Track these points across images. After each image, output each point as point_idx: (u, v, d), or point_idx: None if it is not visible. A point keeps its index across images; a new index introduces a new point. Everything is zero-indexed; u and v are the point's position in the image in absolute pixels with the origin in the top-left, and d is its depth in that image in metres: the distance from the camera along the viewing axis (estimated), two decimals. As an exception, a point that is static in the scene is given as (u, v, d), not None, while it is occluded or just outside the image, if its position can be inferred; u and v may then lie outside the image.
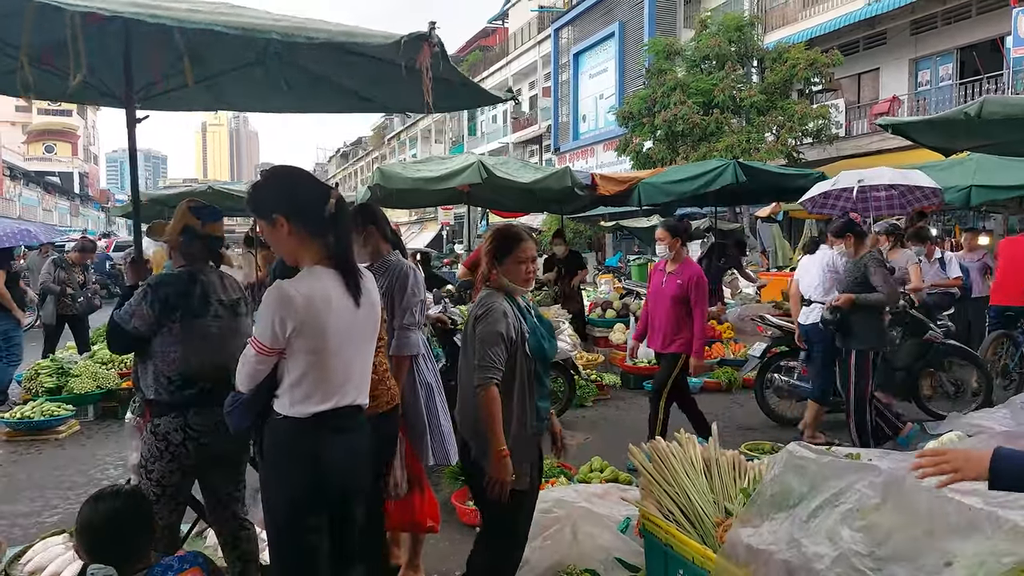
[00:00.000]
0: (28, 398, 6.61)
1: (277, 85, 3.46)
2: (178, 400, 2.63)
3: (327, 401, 2.14)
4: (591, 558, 2.96)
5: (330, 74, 3.41)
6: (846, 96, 18.14)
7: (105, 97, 3.35)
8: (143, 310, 2.60)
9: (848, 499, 1.94)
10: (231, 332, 2.74)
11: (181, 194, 11.76)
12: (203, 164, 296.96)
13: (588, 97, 27.79)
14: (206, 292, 2.70)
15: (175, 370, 2.63)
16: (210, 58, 3.25)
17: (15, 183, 45.60)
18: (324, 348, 2.12)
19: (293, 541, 2.19)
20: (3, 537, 3.58)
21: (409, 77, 2.45)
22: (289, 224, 2.14)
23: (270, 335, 2.08)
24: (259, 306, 2.16)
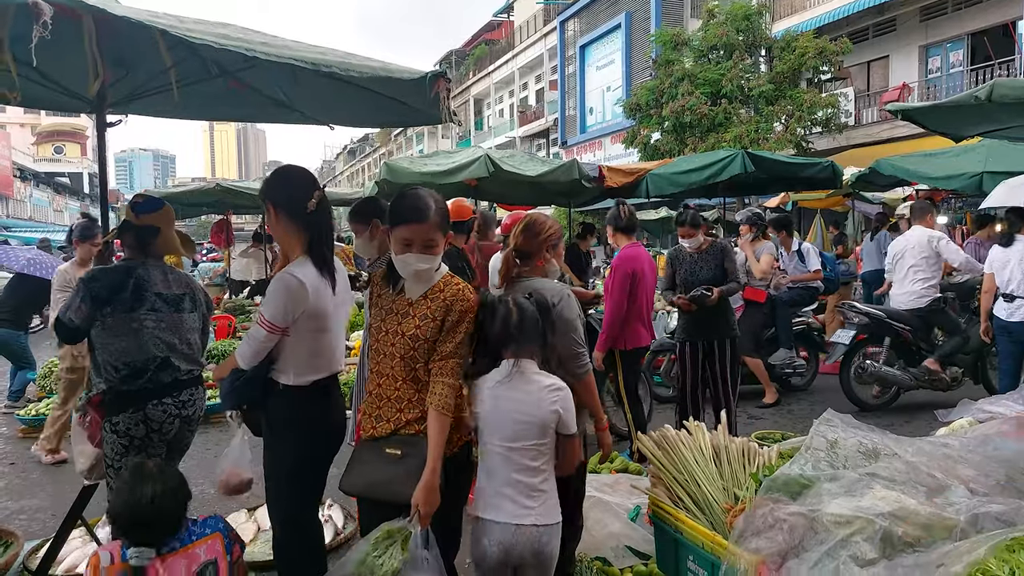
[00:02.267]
0: (43, 395, 6.72)
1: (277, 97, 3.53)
2: (133, 392, 2.69)
3: (322, 371, 2.47)
4: (602, 546, 2.97)
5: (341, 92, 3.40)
6: (855, 84, 18.00)
7: (75, 102, 3.33)
8: (77, 304, 2.67)
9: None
10: (171, 326, 2.80)
11: (190, 191, 11.84)
12: (211, 163, 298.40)
13: (595, 89, 27.70)
14: (140, 286, 2.74)
15: (119, 360, 2.70)
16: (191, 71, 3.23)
17: (25, 184, 45.96)
18: (324, 327, 2.43)
19: (305, 491, 2.49)
20: (21, 531, 3.63)
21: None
22: (276, 212, 2.46)
23: (281, 317, 2.33)
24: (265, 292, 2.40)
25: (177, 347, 2.80)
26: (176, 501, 2.13)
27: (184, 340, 2.84)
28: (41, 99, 3.46)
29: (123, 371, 2.69)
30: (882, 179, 9.10)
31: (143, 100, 3.38)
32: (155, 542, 2.05)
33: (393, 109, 3.47)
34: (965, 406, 3.77)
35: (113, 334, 2.70)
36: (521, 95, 36.38)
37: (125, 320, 2.71)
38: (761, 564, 1.98)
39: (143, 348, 2.72)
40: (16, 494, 4.65)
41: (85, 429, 2.76)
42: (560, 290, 2.61)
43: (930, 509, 1.94)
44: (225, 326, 8.76)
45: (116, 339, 2.70)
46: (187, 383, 2.84)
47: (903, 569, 1.78)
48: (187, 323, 2.86)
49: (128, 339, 2.70)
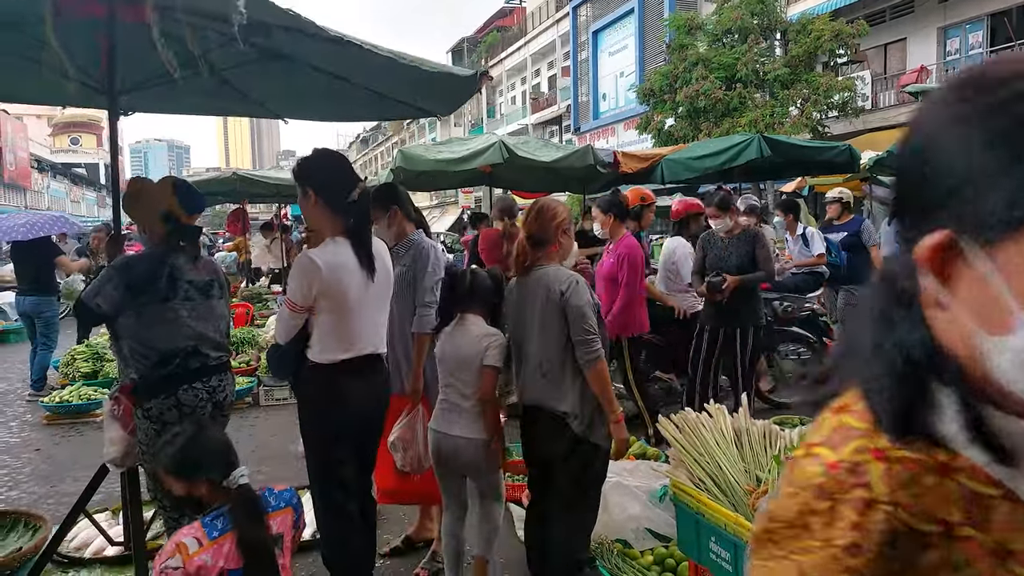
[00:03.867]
0: (65, 383, 6.81)
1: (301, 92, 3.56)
2: (163, 378, 2.70)
3: (349, 350, 2.56)
4: (623, 528, 2.99)
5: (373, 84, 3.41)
6: (872, 67, 17.74)
7: (93, 94, 3.27)
8: (108, 291, 2.64)
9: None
10: (202, 313, 2.80)
11: (208, 181, 11.92)
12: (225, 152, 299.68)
13: (608, 75, 27.50)
14: (174, 275, 2.73)
15: (149, 348, 2.69)
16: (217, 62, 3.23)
17: (43, 175, 46.43)
18: (344, 307, 2.51)
19: (328, 464, 2.57)
20: (49, 515, 3.70)
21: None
22: (316, 197, 2.54)
23: (300, 295, 2.47)
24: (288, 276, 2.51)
25: (207, 335, 2.81)
26: (219, 445, 2.17)
27: (215, 327, 2.86)
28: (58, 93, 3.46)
29: (153, 358, 2.70)
30: (900, 163, 8.99)
31: (148, 97, 3.37)
32: (237, 463, 2.09)
33: (395, 108, 3.67)
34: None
35: (146, 324, 2.68)
36: (533, 82, 36.19)
37: (160, 310, 2.70)
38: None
39: (173, 338, 2.71)
40: (43, 480, 4.74)
41: (117, 417, 2.75)
42: (569, 277, 2.61)
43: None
44: (243, 314, 8.83)
45: (149, 328, 2.69)
46: (216, 368, 2.86)
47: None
48: (216, 310, 2.88)
49: (161, 329, 2.70)
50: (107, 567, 3.34)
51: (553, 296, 2.58)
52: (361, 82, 3.30)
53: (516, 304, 2.75)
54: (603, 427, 2.62)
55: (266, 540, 2.01)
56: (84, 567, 3.38)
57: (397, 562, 3.40)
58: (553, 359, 2.60)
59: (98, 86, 3.17)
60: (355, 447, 2.64)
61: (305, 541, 3.39)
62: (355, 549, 2.61)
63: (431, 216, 40.84)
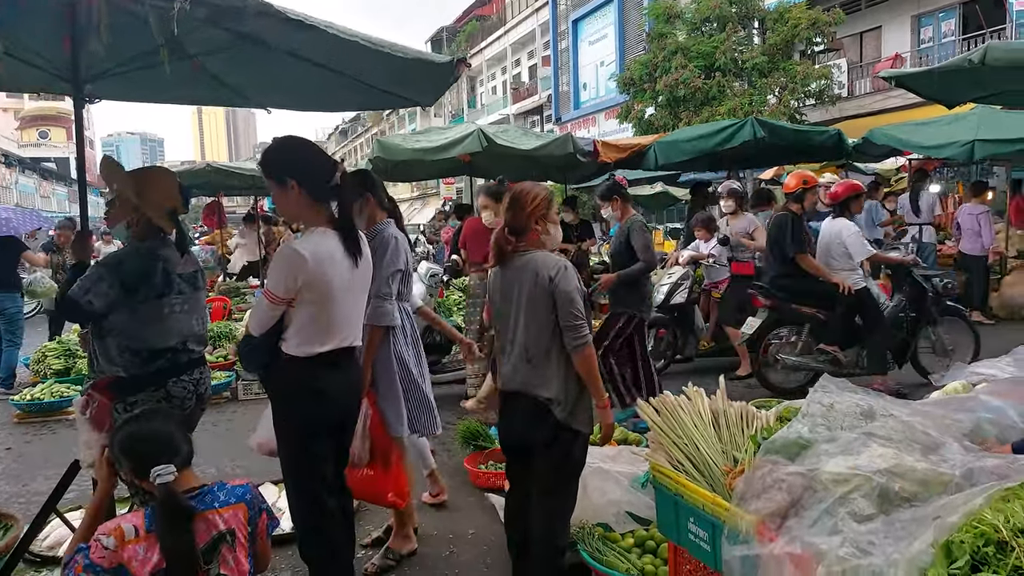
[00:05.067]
0: (37, 380, 6.67)
1: (279, 81, 3.50)
2: (152, 373, 2.65)
3: (328, 343, 2.48)
4: (604, 512, 3.00)
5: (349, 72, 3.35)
6: (848, 56, 17.90)
7: (54, 79, 3.22)
8: (102, 289, 2.56)
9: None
10: (192, 306, 2.78)
11: (180, 173, 11.73)
12: (200, 146, 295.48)
13: (588, 65, 27.47)
14: (167, 269, 2.69)
15: (140, 345, 2.63)
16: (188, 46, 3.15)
17: (11, 170, 45.41)
18: (327, 299, 2.44)
19: (305, 463, 2.52)
20: (20, 514, 3.63)
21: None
22: (299, 188, 2.44)
23: (283, 287, 2.38)
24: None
25: (194, 329, 2.78)
26: (176, 436, 2.12)
27: (200, 320, 2.83)
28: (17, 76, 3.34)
29: (143, 355, 2.65)
30: (875, 149, 9.10)
31: (114, 79, 3.25)
32: (170, 458, 2.02)
33: (376, 97, 3.62)
34: (959, 370, 3.81)
35: (141, 321, 2.63)
36: (514, 72, 36.05)
37: (156, 306, 2.65)
38: (761, 524, 2.00)
39: (167, 334, 2.67)
40: (14, 479, 4.66)
41: (91, 418, 2.65)
42: (558, 263, 2.60)
43: (926, 465, 1.97)
44: (220, 308, 8.74)
45: (143, 325, 2.63)
46: (197, 362, 2.83)
47: (901, 523, 1.80)
48: (200, 301, 2.84)
49: (156, 326, 2.65)
50: (82, 564, 3.28)
51: (542, 281, 2.56)
52: (341, 70, 3.25)
53: (500, 291, 2.72)
54: (585, 413, 2.62)
55: (184, 543, 1.94)
56: (57, 565, 3.32)
57: (378, 552, 3.38)
58: (539, 345, 2.59)
59: (61, 73, 3.09)
60: (331, 440, 2.60)
61: (286, 534, 3.38)
62: (333, 542, 2.58)
63: (412, 207, 40.61)
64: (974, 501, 1.65)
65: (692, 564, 2.44)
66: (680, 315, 6.56)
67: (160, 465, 1.99)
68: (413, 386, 3.25)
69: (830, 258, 5.57)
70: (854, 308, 5.47)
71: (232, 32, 2.80)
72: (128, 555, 1.93)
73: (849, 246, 5.47)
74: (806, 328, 5.71)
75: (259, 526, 2.15)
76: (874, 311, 5.53)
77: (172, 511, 1.96)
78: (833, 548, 1.78)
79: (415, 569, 3.20)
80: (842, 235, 5.52)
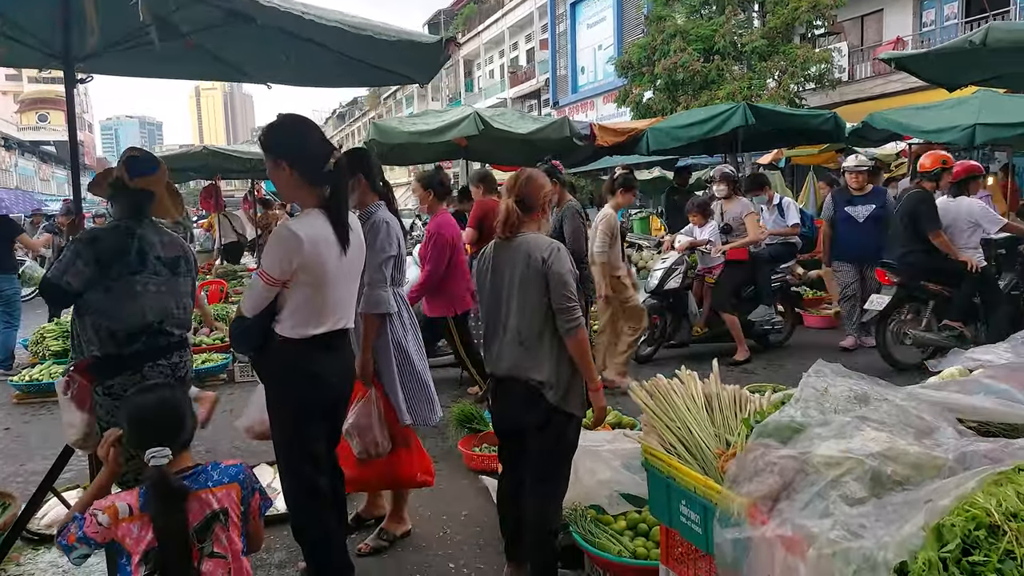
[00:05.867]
0: (35, 362, 6.70)
1: (276, 57, 3.43)
2: (129, 355, 2.64)
3: (322, 325, 2.47)
4: (596, 494, 3.01)
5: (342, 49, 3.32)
6: (849, 39, 17.76)
7: (47, 58, 3.20)
8: (78, 267, 2.56)
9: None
10: (169, 289, 2.75)
11: (177, 156, 11.68)
12: (199, 129, 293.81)
13: (586, 48, 27.28)
14: (143, 248, 2.67)
15: (116, 325, 2.62)
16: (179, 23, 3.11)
17: (10, 153, 45.24)
18: (322, 281, 2.43)
19: (299, 445, 2.52)
20: (18, 493, 3.65)
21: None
22: (291, 169, 2.44)
23: (278, 269, 2.38)
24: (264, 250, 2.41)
25: (173, 312, 2.77)
26: (180, 412, 2.12)
27: (180, 304, 2.81)
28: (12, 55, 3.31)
29: (119, 335, 2.63)
30: (875, 133, 9.04)
31: (106, 57, 3.22)
32: (167, 443, 2.03)
33: (373, 73, 3.58)
34: (955, 355, 3.81)
35: (115, 298, 2.62)
36: (512, 55, 35.78)
37: (129, 283, 2.63)
38: (753, 507, 2.00)
39: (142, 313, 2.65)
40: (12, 458, 4.68)
41: (72, 398, 2.67)
42: (551, 244, 2.59)
43: (919, 449, 1.96)
44: (217, 291, 8.74)
45: (117, 303, 2.62)
46: (177, 346, 2.81)
47: (892, 506, 1.80)
48: (182, 286, 2.82)
49: (129, 303, 2.63)
50: (77, 544, 3.29)
51: (534, 263, 2.55)
52: (331, 47, 3.21)
53: (492, 270, 2.70)
54: (578, 396, 2.62)
55: (176, 523, 1.95)
56: (54, 543, 3.34)
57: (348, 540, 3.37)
58: (531, 327, 2.57)
59: (53, 52, 3.06)
60: (324, 422, 2.61)
61: (280, 514, 3.39)
62: (325, 522, 2.59)
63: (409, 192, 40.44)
64: (966, 485, 1.65)
65: (684, 547, 2.44)
66: (674, 300, 6.53)
67: (158, 447, 2.00)
68: (413, 374, 3.21)
69: (954, 236, 5.66)
70: (977, 285, 5.62)
71: (222, 9, 2.75)
72: (122, 533, 1.95)
73: (983, 219, 5.64)
74: (930, 305, 5.77)
75: (252, 506, 2.15)
76: (995, 288, 5.68)
77: (165, 492, 1.97)
78: (824, 531, 1.78)
79: (408, 550, 3.21)
80: (973, 212, 5.66)
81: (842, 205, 6.66)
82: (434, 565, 3.08)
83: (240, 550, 2.08)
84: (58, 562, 3.19)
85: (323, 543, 2.59)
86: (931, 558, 1.50)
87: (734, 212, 6.49)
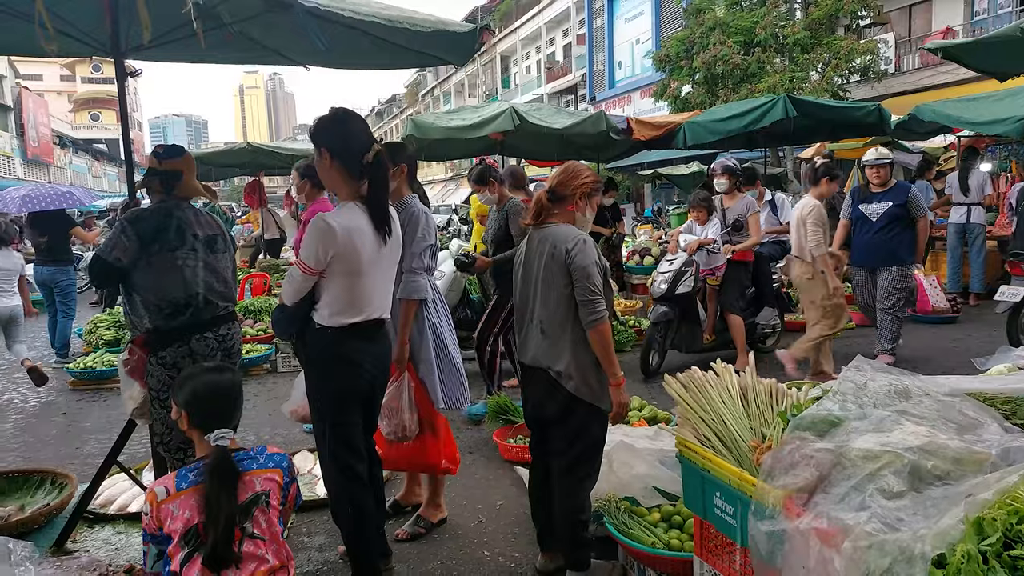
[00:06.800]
0: (89, 350, 6.99)
1: (312, 44, 3.49)
2: (176, 327, 2.80)
3: (358, 315, 2.55)
4: (630, 486, 3.02)
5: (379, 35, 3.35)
6: (896, 30, 17.26)
7: (96, 51, 3.37)
8: (123, 242, 2.75)
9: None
10: (207, 265, 2.89)
11: (221, 152, 11.96)
12: (242, 127, 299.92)
13: (624, 43, 27.05)
14: (181, 226, 2.84)
15: (162, 299, 2.79)
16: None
17: (65, 151, 46.93)
18: (357, 271, 2.50)
19: (336, 427, 2.59)
20: (75, 474, 3.81)
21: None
22: (331, 159, 2.52)
23: (313, 258, 2.45)
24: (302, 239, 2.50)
25: (214, 286, 2.91)
26: (237, 393, 2.25)
27: (220, 278, 2.95)
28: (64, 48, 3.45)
29: (166, 309, 2.79)
30: (922, 126, 8.80)
31: (155, 49, 3.33)
32: (228, 422, 2.16)
33: (409, 55, 3.61)
34: (1004, 353, 3.72)
35: (157, 273, 2.78)
36: (548, 51, 35.67)
37: (169, 259, 2.80)
38: (788, 499, 1.99)
39: (185, 286, 2.81)
40: (69, 441, 4.88)
41: (132, 371, 2.88)
42: (577, 236, 2.59)
43: (960, 443, 1.93)
44: (261, 284, 8.95)
45: (160, 277, 2.79)
46: (224, 318, 2.95)
47: (931, 500, 1.77)
48: (221, 262, 2.96)
49: (172, 277, 2.79)
50: (130, 522, 3.44)
51: (558, 254, 2.57)
52: (369, 32, 3.25)
53: (524, 259, 2.74)
54: (601, 388, 2.61)
55: (227, 505, 2.03)
56: (109, 523, 3.49)
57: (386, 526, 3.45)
58: (553, 318, 2.60)
59: (103, 48, 3.18)
60: (361, 409, 2.67)
61: (319, 499, 3.49)
62: (363, 507, 2.65)
63: (446, 188, 40.67)
64: (1008, 479, 1.62)
65: (718, 539, 2.44)
66: (685, 306, 5.86)
67: (221, 428, 2.12)
68: (447, 358, 3.28)
69: None
70: None
71: None
72: (164, 515, 2.05)
73: None
74: None
75: (289, 495, 2.24)
76: None
77: (223, 470, 2.07)
78: (860, 523, 1.77)
79: (444, 537, 3.27)
80: None
81: (858, 203, 6.00)
82: (469, 552, 3.12)
83: (279, 533, 2.16)
84: (112, 540, 3.33)
85: (361, 527, 2.66)
86: (970, 551, 1.49)
87: (738, 210, 6.01)
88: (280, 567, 2.12)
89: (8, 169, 39.73)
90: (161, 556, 2.09)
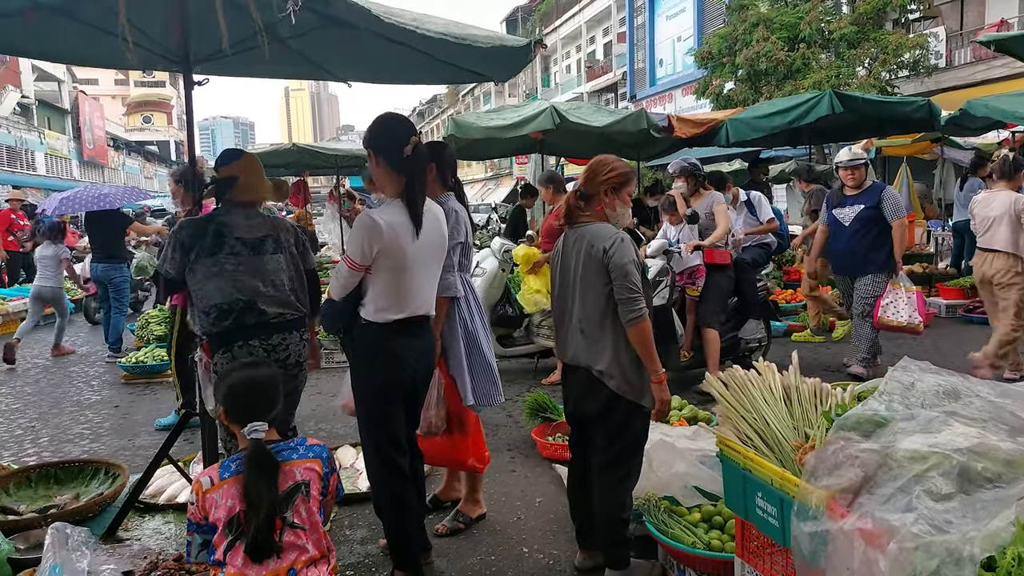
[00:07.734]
0: (141, 345, 7.22)
1: (360, 56, 3.62)
2: (220, 333, 2.80)
3: (403, 311, 2.62)
4: (670, 486, 3.00)
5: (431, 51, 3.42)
6: (947, 24, 16.71)
7: (168, 63, 3.50)
8: (169, 254, 2.83)
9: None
10: (250, 269, 2.82)
11: (267, 152, 12.23)
12: (288, 128, 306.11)
13: (665, 40, 26.78)
14: (220, 231, 2.82)
15: (207, 304, 2.81)
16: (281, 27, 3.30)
17: (119, 153, 48.61)
18: (402, 267, 2.57)
19: (379, 423, 2.67)
20: (127, 465, 3.96)
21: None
22: (377, 158, 2.64)
23: (360, 254, 2.53)
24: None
25: (261, 290, 2.82)
26: (277, 389, 2.28)
27: (268, 282, 2.84)
28: (141, 60, 3.59)
29: (212, 314, 2.81)
30: (974, 122, 8.52)
31: (219, 62, 3.44)
32: (264, 416, 2.19)
33: (452, 72, 3.70)
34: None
35: (199, 279, 2.81)
36: (589, 50, 35.54)
37: (207, 264, 2.80)
38: (832, 500, 1.97)
39: (225, 291, 2.79)
40: (120, 433, 5.06)
41: (205, 371, 2.93)
42: (614, 235, 2.58)
43: (1013, 445, 1.88)
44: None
45: (203, 283, 2.81)
46: (276, 327, 2.85)
47: (981, 503, 1.73)
48: (269, 264, 2.87)
49: (209, 283, 2.80)
50: (179, 513, 3.55)
51: (595, 253, 2.56)
52: (421, 49, 3.31)
53: (561, 259, 2.75)
54: (643, 386, 2.60)
55: (268, 493, 2.07)
56: (159, 512, 3.61)
57: (426, 521, 3.49)
58: (592, 316, 2.60)
59: (174, 58, 3.31)
60: (404, 403, 2.71)
61: (362, 493, 3.56)
62: (405, 500, 2.70)
63: (486, 187, 40.87)
64: (1062, 481, 1.58)
65: (760, 540, 2.41)
66: (662, 320, 5.01)
67: (255, 422, 2.17)
68: (479, 355, 3.27)
69: None
70: None
71: (319, 14, 2.91)
72: (208, 504, 2.11)
73: None
74: None
75: (330, 485, 2.28)
76: None
77: (261, 463, 2.12)
78: (906, 524, 1.73)
79: (483, 533, 3.30)
80: None
81: (831, 207, 5.63)
82: (508, 549, 3.15)
83: (319, 523, 2.20)
84: (161, 529, 3.44)
85: (402, 520, 2.71)
86: (1022, 553, 1.45)
87: (702, 207, 5.44)
88: (320, 557, 2.16)
89: (65, 170, 41.27)
90: (206, 546, 2.15)
